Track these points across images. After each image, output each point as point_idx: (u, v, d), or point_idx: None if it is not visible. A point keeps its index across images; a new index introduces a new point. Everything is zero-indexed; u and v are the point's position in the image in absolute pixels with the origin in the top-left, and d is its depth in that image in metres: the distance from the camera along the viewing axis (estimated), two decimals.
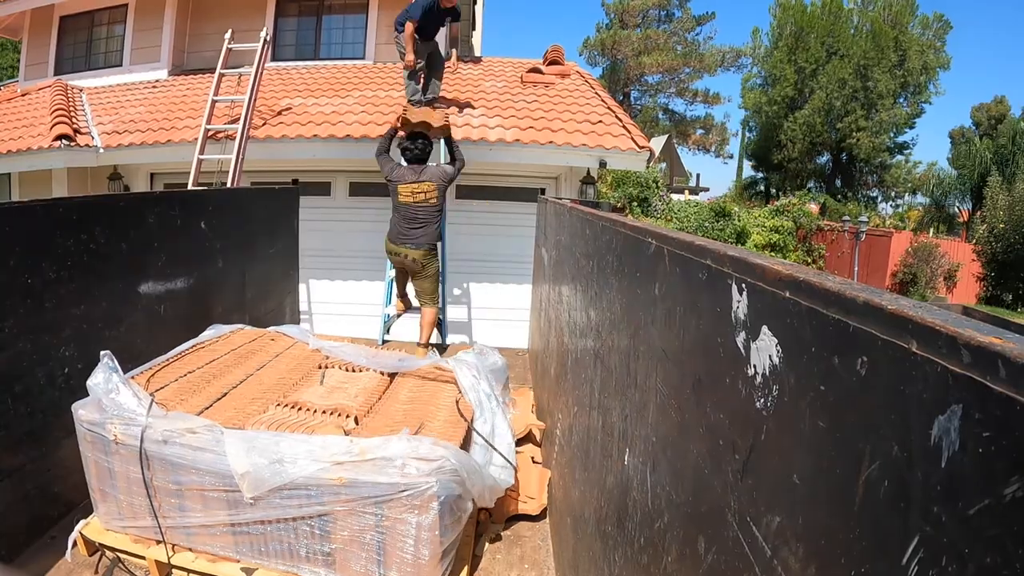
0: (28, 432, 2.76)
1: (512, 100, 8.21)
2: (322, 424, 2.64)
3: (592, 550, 1.96)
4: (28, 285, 2.72)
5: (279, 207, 5.72)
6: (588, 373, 2.26)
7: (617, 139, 7.20)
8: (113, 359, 2.63)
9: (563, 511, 2.77)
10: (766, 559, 0.79)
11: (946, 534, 0.49)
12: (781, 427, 0.78)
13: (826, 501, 0.68)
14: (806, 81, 33.81)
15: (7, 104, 9.25)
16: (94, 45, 10.12)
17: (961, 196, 31.69)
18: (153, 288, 3.66)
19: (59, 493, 2.94)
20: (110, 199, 4.12)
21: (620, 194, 21.76)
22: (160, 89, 9.22)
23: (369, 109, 7.77)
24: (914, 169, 36.13)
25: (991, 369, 0.46)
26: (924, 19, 33.84)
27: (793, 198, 25.35)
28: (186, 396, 2.83)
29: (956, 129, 38.39)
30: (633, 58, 36.05)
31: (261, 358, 3.45)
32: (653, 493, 1.31)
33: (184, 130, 7.64)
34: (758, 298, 0.86)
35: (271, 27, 9.45)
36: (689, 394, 1.12)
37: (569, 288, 2.99)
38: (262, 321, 4.66)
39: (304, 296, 7.48)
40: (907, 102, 34.87)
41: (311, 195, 7.42)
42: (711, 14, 37.33)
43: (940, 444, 0.50)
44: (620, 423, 1.67)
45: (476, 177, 8.01)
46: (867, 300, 0.62)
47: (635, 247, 1.55)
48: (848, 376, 0.64)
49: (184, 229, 4.01)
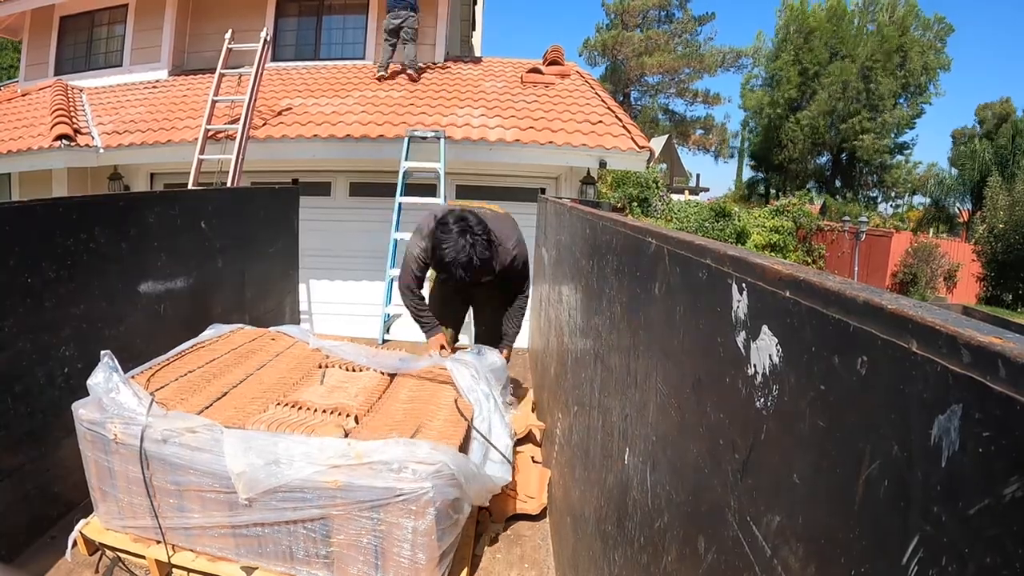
0: (28, 432, 2.76)
1: (512, 100, 8.22)
2: (322, 423, 2.63)
3: (592, 549, 1.96)
4: (28, 284, 2.72)
5: (279, 207, 5.72)
6: (588, 372, 2.26)
7: (617, 139, 7.21)
8: (113, 358, 2.62)
9: (563, 510, 2.77)
10: (766, 558, 0.79)
11: (946, 534, 0.49)
12: (781, 427, 0.78)
13: (826, 501, 0.68)
14: (809, 83, 33.84)
15: (7, 104, 9.26)
16: (94, 45, 10.13)
17: (961, 196, 31.70)
18: (153, 288, 3.66)
19: (59, 493, 2.94)
20: (110, 199, 4.12)
21: (620, 194, 21.77)
22: (160, 89, 9.23)
23: (369, 109, 7.78)
24: (914, 169, 36.19)
25: (991, 369, 0.46)
26: (926, 21, 33.91)
27: (793, 198, 25.35)
28: (186, 395, 2.83)
29: (960, 129, 38.38)
30: (633, 58, 36.10)
31: (261, 357, 3.45)
32: (653, 492, 1.31)
33: (184, 130, 7.65)
34: (758, 298, 0.86)
35: (271, 27, 9.45)
36: (689, 394, 1.12)
37: (569, 288, 2.99)
38: (262, 321, 4.66)
39: (304, 296, 7.48)
40: (908, 103, 34.93)
41: (311, 195, 7.42)
42: (711, 15, 37.48)
43: (940, 444, 0.50)
44: (620, 422, 1.67)
45: (476, 177, 8.03)
46: (867, 300, 0.62)
47: (635, 247, 1.55)
48: (848, 376, 0.64)
49: (184, 229, 4.01)
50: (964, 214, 32.08)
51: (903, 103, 34.73)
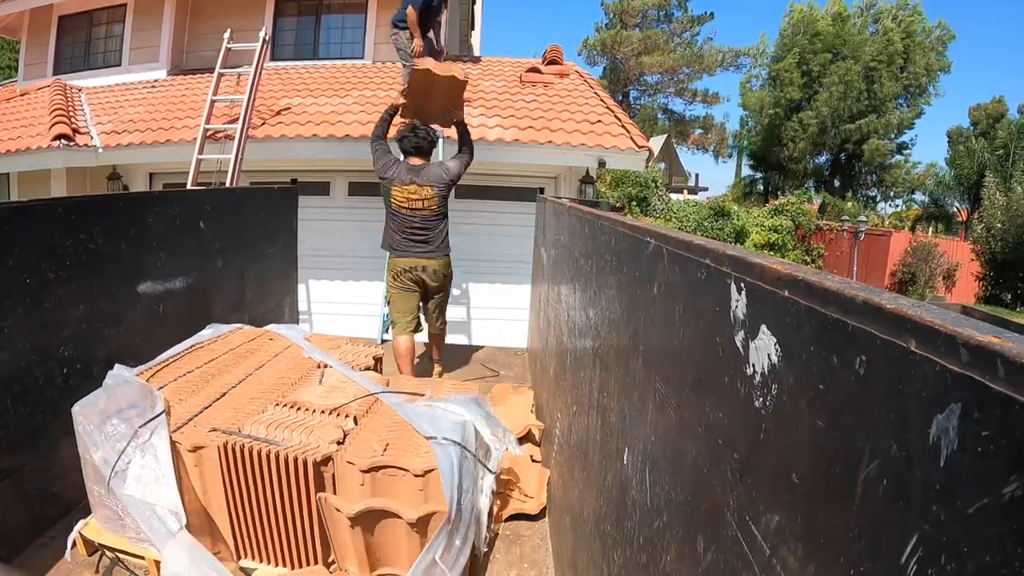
0: (28, 432, 2.76)
1: (511, 100, 8.21)
2: (321, 424, 2.64)
3: (591, 549, 1.96)
4: (27, 285, 2.72)
5: (278, 207, 5.72)
6: (587, 372, 2.26)
7: (616, 139, 7.21)
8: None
9: (562, 510, 2.77)
10: (765, 558, 0.79)
11: (945, 533, 0.49)
12: (780, 426, 0.78)
13: (825, 500, 0.68)
14: (812, 84, 33.86)
15: (6, 104, 9.24)
16: (93, 45, 10.11)
17: (960, 196, 31.68)
18: (152, 288, 3.66)
19: (58, 493, 2.94)
20: (109, 199, 4.12)
21: (619, 194, 21.75)
22: (159, 89, 9.21)
23: (368, 109, 7.76)
24: (913, 169, 36.17)
25: (990, 368, 0.46)
26: (928, 28, 33.97)
27: (792, 197, 25.34)
28: (185, 396, 2.83)
29: (954, 129, 38.32)
30: (632, 58, 36.06)
31: (260, 358, 3.45)
32: (652, 492, 1.31)
33: (183, 130, 7.64)
34: (757, 297, 0.86)
35: (270, 27, 9.44)
36: (688, 393, 1.12)
37: (568, 287, 2.99)
38: (261, 321, 4.65)
39: (303, 296, 7.48)
40: (908, 104, 34.96)
41: (310, 195, 7.42)
42: (710, 14, 37.36)
43: (939, 443, 0.50)
44: (619, 422, 1.67)
45: (475, 177, 8.00)
46: (866, 299, 0.62)
47: (634, 246, 1.55)
48: (847, 375, 0.64)
49: (183, 229, 4.01)
50: (962, 213, 32.08)
51: (903, 103, 34.76)
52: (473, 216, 7.86)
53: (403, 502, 2.42)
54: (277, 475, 2.43)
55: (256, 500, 2.50)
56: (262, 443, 2.45)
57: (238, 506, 2.54)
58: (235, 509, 2.55)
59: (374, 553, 2.52)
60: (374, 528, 2.46)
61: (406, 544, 2.47)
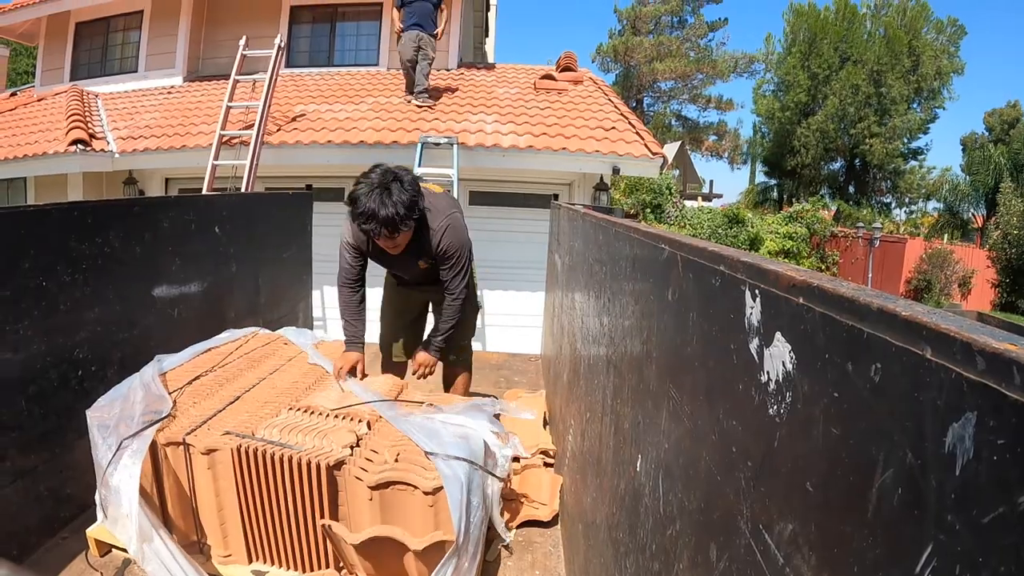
0: (42, 433, 2.79)
1: (525, 106, 8.23)
2: (335, 429, 2.64)
3: (603, 557, 1.95)
4: (43, 288, 2.75)
5: (293, 212, 5.75)
6: (601, 379, 2.26)
7: (630, 145, 7.21)
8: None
9: (574, 517, 2.76)
10: (778, 567, 0.79)
11: (960, 542, 0.49)
12: (794, 434, 0.78)
13: (839, 508, 0.67)
14: (819, 87, 33.72)
15: (23, 109, 9.36)
16: (110, 51, 10.21)
17: (975, 202, 31.41)
18: (167, 292, 3.69)
19: (72, 494, 2.97)
20: (125, 204, 4.15)
21: (633, 200, 21.74)
22: (175, 95, 9.30)
23: (383, 115, 7.81)
24: (928, 175, 35.94)
25: (1006, 376, 0.46)
26: (938, 23, 33.68)
27: (807, 204, 25.23)
28: (199, 399, 2.84)
29: (968, 135, 38.09)
30: (646, 64, 36.08)
31: (274, 362, 3.46)
32: (665, 500, 1.31)
33: (199, 136, 7.70)
34: (771, 304, 0.85)
35: (285, 34, 9.51)
36: (702, 400, 1.12)
37: (582, 294, 2.99)
38: (275, 325, 4.68)
39: (318, 301, 7.50)
40: (921, 107, 34.72)
41: (325, 200, 7.45)
42: (723, 20, 37.44)
43: (954, 451, 0.50)
44: (632, 429, 1.66)
45: (489, 183, 8.03)
46: (881, 306, 0.62)
47: (648, 253, 1.55)
48: (862, 383, 0.64)
49: (198, 234, 4.04)
50: (978, 219, 31.81)
51: (916, 108, 34.51)
52: (487, 222, 7.86)
53: (412, 520, 2.40)
54: (290, 478, 2.43)
55: (269, 503, 2.51)
56: (275, 446, 2.46)
57: (251, 509, 2.55)
58: (248, 512, 2.56)
59: (383, 571, 2.52)
60: (380, 553, 2.46)
61: (415, 566, 2.47)
